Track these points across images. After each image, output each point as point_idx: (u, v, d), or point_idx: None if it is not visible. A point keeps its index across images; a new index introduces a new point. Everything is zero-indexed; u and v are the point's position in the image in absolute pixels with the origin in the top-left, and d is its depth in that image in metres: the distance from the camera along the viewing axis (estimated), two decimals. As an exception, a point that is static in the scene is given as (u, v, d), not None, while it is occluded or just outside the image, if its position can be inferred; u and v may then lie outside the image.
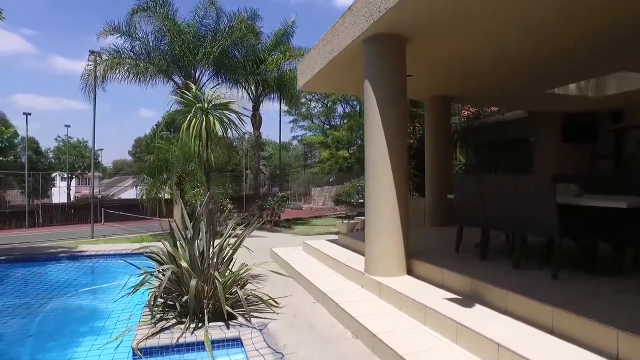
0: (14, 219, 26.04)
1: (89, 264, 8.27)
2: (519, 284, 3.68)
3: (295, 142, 51.59)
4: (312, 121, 44.03)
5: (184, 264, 4.36)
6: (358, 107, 38.19)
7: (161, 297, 4.62)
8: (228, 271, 4.95)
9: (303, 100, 41.47)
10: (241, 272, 4.99)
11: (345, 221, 12.55)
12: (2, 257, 8.11)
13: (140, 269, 4.76)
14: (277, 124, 76.38)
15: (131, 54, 14.39)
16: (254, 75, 16.45)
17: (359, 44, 5.25)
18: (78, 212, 27.67)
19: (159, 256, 4.74)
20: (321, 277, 5.74)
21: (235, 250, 4.89)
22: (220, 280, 4.48)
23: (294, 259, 7.15)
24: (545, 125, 10.53)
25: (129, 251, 8.47)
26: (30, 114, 24.19)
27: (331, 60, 6.16)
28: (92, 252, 8.81)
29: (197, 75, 15.28)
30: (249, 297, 4.75)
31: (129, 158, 61.18)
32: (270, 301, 4.95)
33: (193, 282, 4.17)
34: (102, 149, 33.93)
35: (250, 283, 5.40)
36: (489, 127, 11.62)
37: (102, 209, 25.63)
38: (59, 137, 44.44)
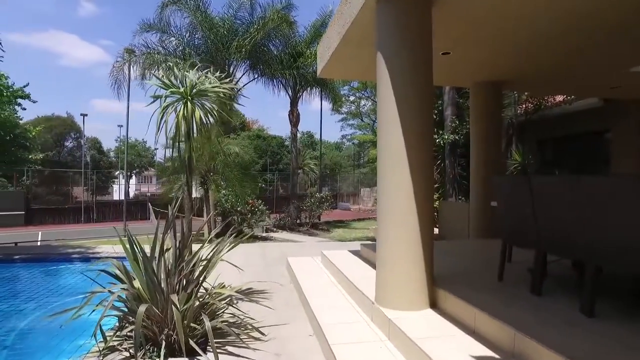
0: (72, 214, 27.44)
1: (82, 268, 7.79)
2: (592, 348, 2.37)
3: (347, 142, 50.47)
4: (361, 119, 42.67)
5: (137, 285, 3.49)
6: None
7: (123, 322, 3.82)
8: (201, 293, 4.03)
9: (352, 98, 40.43)
10: (220, 292, 4.04)
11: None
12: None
13: (101, 286, 3.96)
14: (327, 123, 75.69)
15: (167, 50, 14.10)
16: (291, 70, 15.62)
17: (372, 8, 4.10)
18: (130, 209, 28.59)
19: (118, 272, 3.91)
20: (326, 302, 4.65)
21: (207, 268, 3.94)
22: (185, 304, 3.56)
23: (306, 274, 6.10)
24: (628, 115, 8.60)
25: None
26: (87, 115, 25.26)
27: (345, 35, 5.05)
28: (105, 254, 8.35)
29: (231, 71, 14.73)
30: (222, 328, 3.78)
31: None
32: (254, 333, 3.97)
33: (141, 309, 3.27)
34: (157, 148, 34.89)
35: (234, 307, 4.45)
36: (552, 120, 9.82)
37: (151, 206, 26.18)
38: (118, 137, 46.82)
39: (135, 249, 3.75)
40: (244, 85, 15.85)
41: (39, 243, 15.48)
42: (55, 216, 26.36)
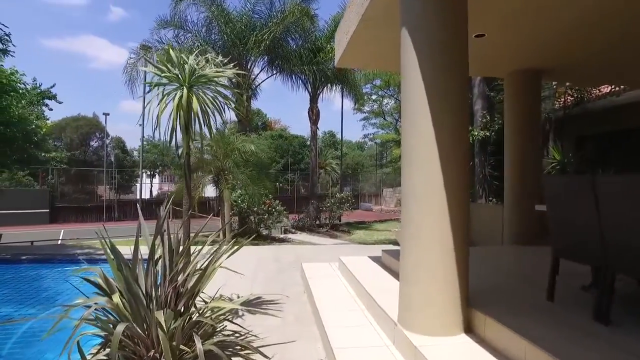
0: (95, 213, 27.72)
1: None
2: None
3: (370, 142, 49.61)
4: (384, 118, 41.78)
5: (116, 300, 2.98)
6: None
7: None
8: (200, 305, 3.52)
9: (374, 96, 39.55)
10: (218, 307, 3.52)
11: (406, 229, 10.58)
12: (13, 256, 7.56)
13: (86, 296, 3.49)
14: (349, 122, 74.88)
15: (182, 46, 13.78)
16: (310, 65, 15.07)
17: (395, -23, 3.49)
18: (150, 208, 28.68)
19: (101, 281, 3.42)
20: (341, 318, 4.07)
21: (203, 279, 3.41)
22: (175, 322, 3.04)
23: (321, 283, 5.53)
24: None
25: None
26: (109, 114, 25.42)
27: (364, 15, 4.46)
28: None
29: (249, 67, 14.30)
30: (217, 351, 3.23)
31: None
32: (255, 356, 3.42)
33: (119, 329, 2.77)
34: (181, 147, 34.79)
35: (236, 322, 3.92)
36: (596, 114, 8.91)
37: (171, 206, 26.15)
38: (143, 136, 47.35)
39: (118, 254, 3.26)
40: (261, 82, 15.46)
41: (59, 242, 15.47)
42: (79, 214, 26.68)
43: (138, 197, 38.05)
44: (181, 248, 3.60)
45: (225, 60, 4.37)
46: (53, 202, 25.30)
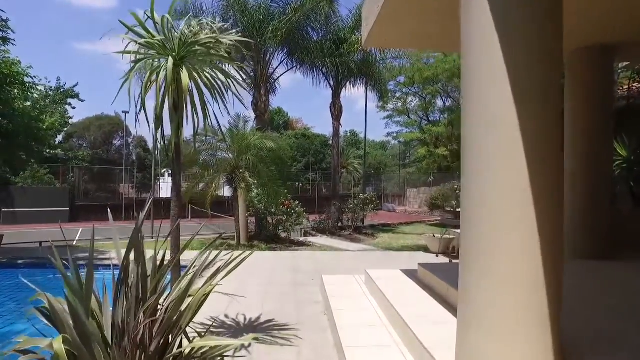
0: (115, 212, 27.53)
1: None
2: None
3: (393, 142, 48.30)
4: (408, 117, 40.49)
5: (57, 345, 2.13)
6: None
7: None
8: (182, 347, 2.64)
9: (398, 94, 38.22)
10: (203, 354, 2.62)
11: (438, 235, 9.53)
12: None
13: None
14: (372, 122, 73.33)
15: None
16: (333, 58, 14.12)
17: None
18: (167, 208, 28.34)
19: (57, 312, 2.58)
20: (371, 357, 3.13)
21: (185, 314, 2.51)
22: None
23: (345, 304, 4.59)
24: None
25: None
26: (128, 112, 25.16)
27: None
28: (115, 260, 7.29)
29: (267, 59, 13.48)
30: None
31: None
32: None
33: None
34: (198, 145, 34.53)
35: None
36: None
37: (190, 205, 25.67)
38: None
39: (91, 270, 2.43)
40: (280, 75, 14.65)
41: (75, 242, 15.02)
42: (99, 213, 26.51)
43: (167, 195, 37.99)
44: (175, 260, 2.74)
45: (227, 25, 3.56)
46: (73, 200, 25.19)
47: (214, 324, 4.31)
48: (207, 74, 3.36)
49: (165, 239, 3.16)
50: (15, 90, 8.62)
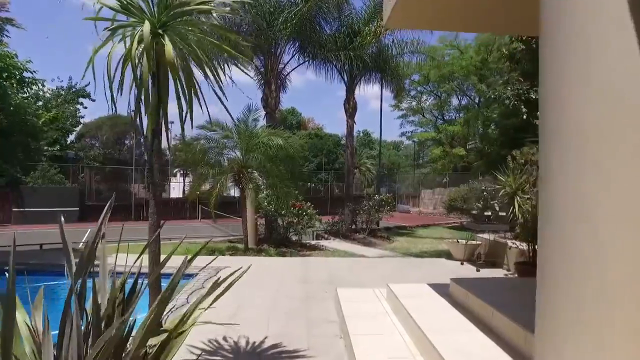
0: (125, 212, 27.19)
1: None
2: None
3: (407, 141, 47.29)
4: (423, 115, 39.53)
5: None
6: (477, 98, 32.56)
7: None
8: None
9: (413, 93, 37.23)
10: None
11: (462, 240, 8.75)
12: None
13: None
14: (385, 122, 71.98)
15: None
16: (346, 51, 13.41)
17: None
18: (181, 207, 27.96)
19: None
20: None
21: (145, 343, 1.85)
22: None
23: (364, 326, 3.88)
24: None
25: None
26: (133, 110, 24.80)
27: None
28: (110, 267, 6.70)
29: (277, 53, 12.83)
30: None
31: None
32: None
33: None
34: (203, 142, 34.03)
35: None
36: None
37: (200, 205, 25.19)
38: (176, 135, 47.33)
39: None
40: (292, 70, 13.95)
41: (81, 244, 14.61)
42: (110, 213, 26.19)
43: (178, 195, 37.69)
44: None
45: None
46: (83, 200, 24.90)
47: (208, 349, 3.65)
48: (195, 47, 2.69)
49: (142, 252, 2.51)
50: (14, 84, 8.12)
